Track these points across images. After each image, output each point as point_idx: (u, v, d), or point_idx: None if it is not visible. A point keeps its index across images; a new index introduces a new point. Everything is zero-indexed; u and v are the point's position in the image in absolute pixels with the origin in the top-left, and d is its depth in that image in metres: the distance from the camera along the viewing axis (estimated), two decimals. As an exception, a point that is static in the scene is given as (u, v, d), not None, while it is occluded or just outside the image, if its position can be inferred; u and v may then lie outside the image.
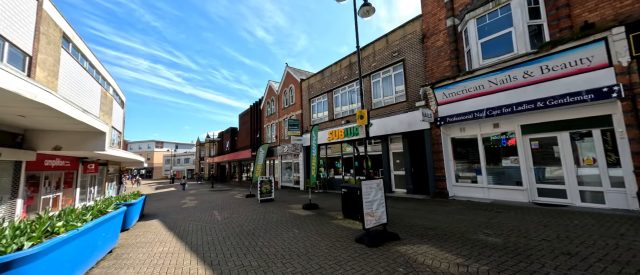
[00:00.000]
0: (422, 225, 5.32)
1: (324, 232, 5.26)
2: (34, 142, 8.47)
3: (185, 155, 61.07)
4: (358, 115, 5.91)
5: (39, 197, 10.04)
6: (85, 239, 3.46)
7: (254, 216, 7.55)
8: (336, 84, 14.40)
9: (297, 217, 6.94)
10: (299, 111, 17.65)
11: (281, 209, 8.68)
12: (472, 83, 7.80)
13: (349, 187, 6.29)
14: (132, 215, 7.22)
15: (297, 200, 10.99)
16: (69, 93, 11.50)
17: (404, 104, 10.54)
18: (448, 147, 9.05)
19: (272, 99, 22.40)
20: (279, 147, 19.58)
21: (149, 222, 7.89)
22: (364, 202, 4.21)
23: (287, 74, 19.72)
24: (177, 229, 6.59)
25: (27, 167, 9.02)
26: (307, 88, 16.99)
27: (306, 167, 16.41)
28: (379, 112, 11.69)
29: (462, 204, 7.52)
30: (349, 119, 13.38)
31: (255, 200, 11.55)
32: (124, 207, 5.43)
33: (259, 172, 13.79)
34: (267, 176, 11.11)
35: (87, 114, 6.98)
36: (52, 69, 10.38)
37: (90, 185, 15.60)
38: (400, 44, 10.85)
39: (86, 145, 8.92)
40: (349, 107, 13.66)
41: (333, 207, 8.53)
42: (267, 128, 23.10)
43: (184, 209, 10.46)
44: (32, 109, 5.35)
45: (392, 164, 11.49)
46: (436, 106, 9.10)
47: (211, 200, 13.09)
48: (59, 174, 11.54)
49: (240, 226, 6.30)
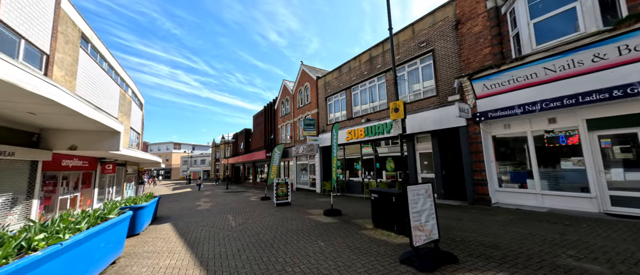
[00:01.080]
0: (478, 241, 4.32)
1: (355, 246, 4.41)
2: (50, 141, 8.29)
3: (202, 156, 62.33)
4: (392, 108, 5.04)
5: (56, 197, 9.95)
6: (75, 253, 2.86)
7: (271, 222, 6.83)
8: (355, 80, 13.52)
9: (319, 225, 6.14)
10: (314, 110, 16.93)
11: (300, 214, 7.92)
12: (522, 71, 6.66)
13: (380, 192, 5.40)
14: (142, 219, 6.75)
15: (315, 204, 10.19)
16: (87, 93, 11.45)
17: (433, 99, 9.48)
18: (489, 147, 7.91)
19: (286, 98, 21.86)
20: (294, 148, 18.93)
21: (160, 227, 7.40)
22: (411, 212, 3.33)
23: (302, 72, 19.08)
24: (188, 235, 6.00)
25: (44, 167, 8.89)
26: (324, 86, 16.23)
27: (323, 169, 15.61)
28: (404, 109, 10.66)
29: (512, 213, 6.38)
30: (369, 117, 12.44)
31: (270, 204, 10.90)
32: (129, 212, 4.88)
33: (275, 174, 13.16)
34: (283, 178, 10.41)
35: (99, 111, 6.62)
36: (70, 68, 10.30)
37: (108, 186, 15.69)
38: (428, 32, 9.81)
39: (101, 145, 8.67)
40: (370, 104, 12.72)
41: (357, 213, 7.64)
42: (282, 128, 22.57)
43: (198, 211, 9.99)
44: (39, 105, 4.97)
45: (419, 166, 10.43)
46: (474, 100, 7.99)
47: (225, 202, 12.61)
48: (77, 174, 11.49)
49: (257, 235, 5.59)
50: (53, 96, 4.20)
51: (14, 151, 7.03)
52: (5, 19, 7.03)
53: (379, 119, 11.78)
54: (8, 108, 5.20)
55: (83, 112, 5.72)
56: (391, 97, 11.37)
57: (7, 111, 5.50)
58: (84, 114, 5.77)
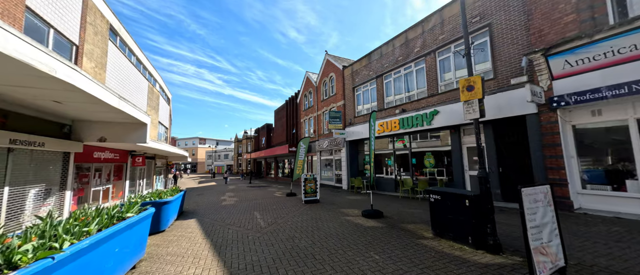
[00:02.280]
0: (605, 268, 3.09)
1: (422, 263, 3.41)
2: (80, 133, 8.20)
3: (225, 151, 64.21)
4: (462, 87, 3.90)
5: (89, 188, 10.07)
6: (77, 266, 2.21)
7: (304, 223, 6.03)
8: (388, 67, 12.24)
9: (362, 230, 5.20)
10: (340, 102, 15.89)
11: (334, 214, 7.04)
12: (627, 40, 5.09)
13: (444, 193, 4.31)
14: (168, 214, 6.29)
15: (347, 203, 9.26)
16: (116, 86, 11.45)
17: (489, 83, 8.02)
18: (569, 139, 6.38)
19: (309, 91, 21.03)
20: (318, 142, 18.11)
21: (186, 223, 6.94)
22: (529, 228, 2.27)
23: (327, 62, 18.06)
24: (214, 235, 5.39)
25: (76, 159, 8.89)
26: (351, 75, 15.10)
27: (350, 164, 14.60)
28: (449, 97, 9.29)
29: (612, 223, 4.94)
30: (405, 107, 11.16)
31: (297, 200, 10.17)
32: (151, 209, 4.31)
33: (301, 169, 12.43)
34: (311, 174, 9.59)
35: (124, 101, 6.21)
36: (99, 60, 10.25)
37: (139, 178, 16.04)
38: (484, 4, 8.29)
39: (129, 137, 8.43)
40: (405, 94, 11.41)
41: (402, 215, 6.58)
42: (304, 122, 21.84)
43: (223, 207, 9.54)
44: (60, 91, 4.57)
45: (467, 162, 9.04)
46: (549, 81, 6.47)
47: (250, 197, 12.14)
48: (109, 166, 11.61)
49: (291, 239, 4.80)
50: (71, 80, 3.73)
51: (44, 142, 6.90)
52: (33, 6, 6.84)
53: (416, 109, 10.48)
54: (31, 95, 4.83)
55: (106, 100, 5.31)
56: (432, 83, 9.99)
57: (32, 99, 5.18)
58: (107, 102, 5.36)
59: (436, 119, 9.55)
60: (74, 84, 3.63)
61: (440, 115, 9.43)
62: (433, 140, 10.52)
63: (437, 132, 10.20)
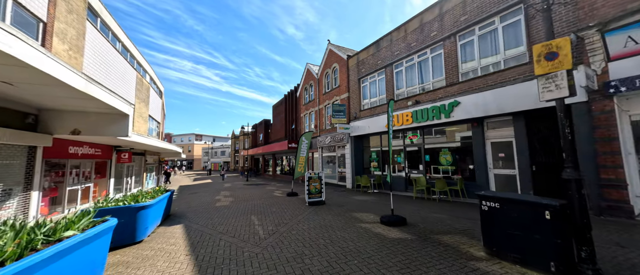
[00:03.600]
0: None
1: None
2: (49, 124, 7.00)
3: (222, 148, 62.85)
4: (538, 55, 2.84)
5: (64, 188, 8.89)
6: None
7: (312, 233, 4.97)
8: (399, 54, 11.14)
9: (387, 244, 4.16)
10: (344, 94, 14.78)
11: (346, 220, 5.99)
12: None
13: (507, 200, 3.20)
14: (146, 221, 5.18)
15: (357, 205, 8.22)
16: (97, 74, 10.18)
17: (523, 68, 6.97)
18: (626, 132, 5.38)
19: (310, 84, 19.86)
20: (320, 138, 17.02)
21: (171, 230, 5.85)
22: None
23: (330, 52, 16.89)
24: (202, 250, 4.31)
25: (46, 154, 7.70)
26: (356, 66, 13.97)
27: (355, 161, 13.56)
28: (471, 86, 8.24)
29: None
30: (419, 98, 10.10)
31: (300, 202, 9.11)
32: (111, 222, 3.19)
33: (303, 166, 11.36)
34: (316, 172, 8.52)
35: (95, 85, 5.07)
36: (75, 43, 8.96)
37: (127, 176, 14.84)
38: (516, -22, 7.20)
39: (107, 129, 7.28)
40: (419, 85, 10.34)
41: (429, 222, 5.54)
42: (304, 117, 20.72)
43: (217, 209, 8.45)
44: (8, 66, 3.51)
45: (491, 159, 8.03)
46: (605, 63, 5.43)
47: (247, 197, 11.06)
48: (89, 162, 10.41)
49: (300, 257, 3.74)
50: (9, 48, 2.78)
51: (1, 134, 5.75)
52: (-22, -33, 5.59)
53: (432, 101, 9.42)
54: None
55: (69, 81, 4.24)
56: (451, 71, 8.93)
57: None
58: (70, 84, 4.29)
59: (456, 111, 8.51)
60: (15, 55, 2.69)
61: (460, 107, 8.39)
62: (450, 135, 9.49)
63: (456, 126, 9.17)
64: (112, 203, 4.92)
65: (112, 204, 4.89)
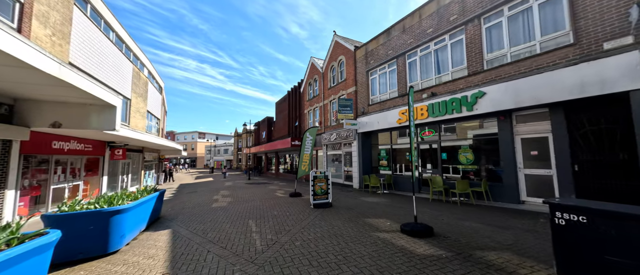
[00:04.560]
0: None
1: None
2: (26, 116, 6.23)
3: (225, 146, 62.42)
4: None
5: (48, 186, 8.18)
6: None
7: (320, 245, 4.10)
8: (413, 43, 10.16)
9: (418, 264, 3.27)
10: (351, 88, 13.85)
11: (358, 228, 5.10)
12: None
13: (603, 212, 2.26)
14: (122, 228, 4.37)
15: (368, 207, 7.32)
16: (86, 64, 9.40)
17: (565, 51, 5.97)
18: None
19: (315, 78, 18.96)
20: (325, 135, 16.13)
21: (155, 237, 5.04)
22: None
23: (335, 44, 15.95)
24: (184, 267, 3.47)
25: (25, 149, 6.97)
26: (364, 57, 13.02)
27: (363, 160, 12.65)
28: (499, 74, 7.26)
29: None
30: (436, 90, 9.14)
31: (304, 203, 8.25)
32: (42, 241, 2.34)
33: (307, 165, 10.50)
34: (322, 171, 7.64)
35: (69, 69, 4.29)
36: (59, 28, 8.19)
37: (123, 174, 14.16)
38: (557, -54, 6.18)
39: (92, 122, 6.49)
40: (436, 76, 9.36)
41: (462, 233, 4.61)
42: (308, 113, 19.84)
43: (212, 210, 7.64)
44: None
45: (521, 157, 7.06)
46: (680, 39, 4.42)
47: (247, 198, 10.24)
48: (78, 159, 9.69)
49: (304, 281, 2.88)
50: None
51: (-42, 125, 5.02)
52: None
53: (451, 92, 8.46)
54: None
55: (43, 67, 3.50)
56: (474, 58, 7.94)
57: None
58: (37, 67, 3.55)
59: (480, 103, 7.54)
60: None
61: (486, 98, 7.41)
62: (471, 130, 8.53)
63: (478, 120, 8.20)
64: (80, 206, 4.11)
65: (80, 207, 4.08)
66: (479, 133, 8.25)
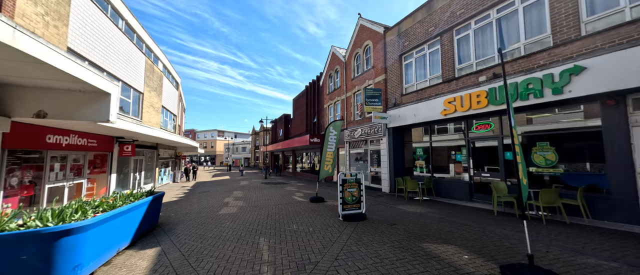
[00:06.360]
0: None
1: None
2: (6, 104, 5.28)
3: (243, 144, 62.79)
4: None
5: (42, 185, 7.32)
6: None
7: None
8: (464, 13, 8.11)
9: None
10: (380, 77, 11.98)
11: (422, 263, 3.39)
12: None
13: None
14: (76, 255, 3.02)
15: (414, 222, 5.52)
16: (87, 50, 8.45)
17: None
18: None
19: (336, 69, 17.26)
20: (347, 132, 14.41)
21: (132, 263, 3.68)
22: None
23: (361, 27, 14.10)
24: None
25: (9, 143, 6.06)
26: (396, 39, 11.09)
27: (394, 159, 10.77)
28: (606, 40, 5.11)
29: None
30: (497, 71, 7.07)
31: (328, 212, 6.63)
32: None
33: (330, 165, 8.87)
34: (354, 174, 5.94)
35: (32, 37, 3.07)
36: (54, 8, 7.22)
37: (135, 171, 13.46)
38: None
39: (82, 112, 5.42)
40: (496, 54, 7.29)
41: None
42: (328, 108, 18.20)
43: (219, 218, 6.28)
44: None
45: (638, 153, 4.88)
46: None
47: (261, 202, 8.83)
48: (80, 155, 8.84)
49: None
50: None
51: None
52: None
53: (525, 71, 6.37)
54: None
55: None
56: (565, 21, 5.79)
57: None
58: None
59: (575, 83, 5.42)
60: None
61: (585, 75, 5.29)
62: (551, 121, 6.40)
63: (571, 106, 6.05)
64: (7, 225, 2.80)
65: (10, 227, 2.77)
66: (567, 126, 6.09)
